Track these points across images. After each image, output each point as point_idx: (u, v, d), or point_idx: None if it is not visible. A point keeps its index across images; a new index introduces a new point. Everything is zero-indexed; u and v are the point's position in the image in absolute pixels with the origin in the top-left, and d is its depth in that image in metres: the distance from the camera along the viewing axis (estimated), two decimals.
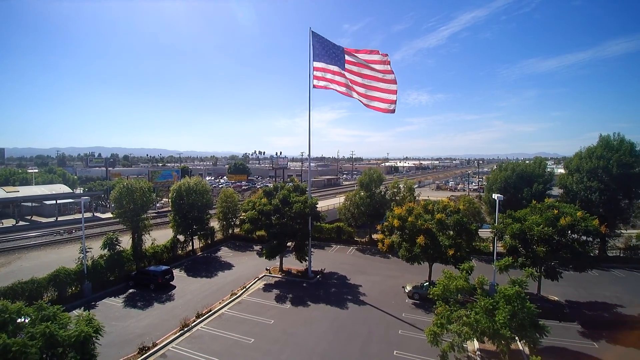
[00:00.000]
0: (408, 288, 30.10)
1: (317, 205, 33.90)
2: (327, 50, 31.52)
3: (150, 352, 20.86)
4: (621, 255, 41.42)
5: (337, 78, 31.20)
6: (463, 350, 17.68)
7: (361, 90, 30.71)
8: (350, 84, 31.26)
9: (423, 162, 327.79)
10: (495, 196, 30.24)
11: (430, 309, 27.00)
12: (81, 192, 74.47)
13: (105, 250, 32.23)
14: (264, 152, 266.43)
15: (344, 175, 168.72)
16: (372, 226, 47.25)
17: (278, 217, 32.89)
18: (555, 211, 27.31)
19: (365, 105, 30.70)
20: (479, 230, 32.82)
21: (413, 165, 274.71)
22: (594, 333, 23.94)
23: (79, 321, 16.80)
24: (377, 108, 30.37)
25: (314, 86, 32.72)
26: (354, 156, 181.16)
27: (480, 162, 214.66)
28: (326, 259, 39.51)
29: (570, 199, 40.98)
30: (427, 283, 29.77)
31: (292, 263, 36.01)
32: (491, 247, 37.16)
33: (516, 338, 19.32)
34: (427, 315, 26.21)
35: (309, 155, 36.14)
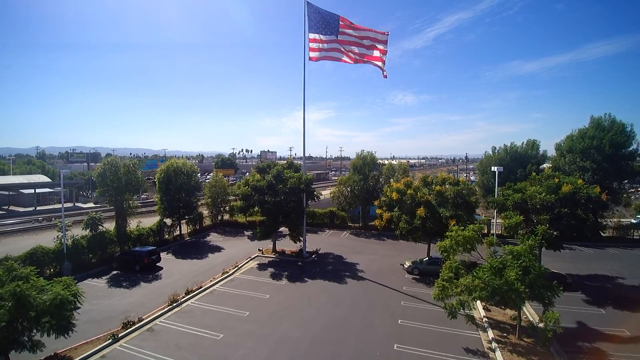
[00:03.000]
0: (407, 264, 29.13)
1: (312, 183, 32.58)
2: (322, 21, 30.40)
3: (136, 326, 19.20)
4: (614, 235, 41.53)
5: (334, 45, 30.22)
6: (473, 308, 16.63)
7: (356, 49, 29.93)
8: (346, 50, 30.37)
9: (410, 161, 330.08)
10: (494, 168, 29.64)
11: (431, 283, 26.15)
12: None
13: (87, 230, 30.24)
14: (251, 151, 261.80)
15: (332, 172, 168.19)
16: (365, 211, 46.28)
17: (271, 194, 31.44)
18: (556, 180, 26.78)
19: (361, 62, 30.00)
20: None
21: (401, 163, 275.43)
22: (599, 301, 23.46)
23: (54, 285, 15.17)
24: (374, 57, 29.85)
25: (310, 58, 31.53)
26: (342, 151, 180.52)
27: (465, 160, 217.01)
28: (320, 242, 38.21)
29: None
30: (427, 259, 28.92)
31: (285, 245, 34.64)
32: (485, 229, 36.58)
33: (524, 307, 18.47)
34: (428, 289, 25.22)
35: (304, 139, 33.04)
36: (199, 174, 39.79)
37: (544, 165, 50.88)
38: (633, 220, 47.60)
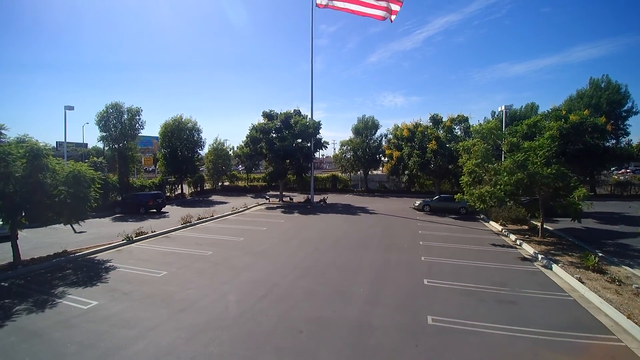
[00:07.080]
0: (417, 202, 28.99)
1: (320, 128, 32.24)
2: None
3: (151, 234, 18.51)
4: (611, 192, 42.32)
5: None
6: (505, 196, 16.33)
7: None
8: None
9: None
10: (501, 107, 29.86)
11: (445, 216, 26.10)
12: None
13: None
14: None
15: (325, 165, 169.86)
16: (367, 175, 46.23)
17: (279, 140, 30.99)
18: (564, 111, 27.17)
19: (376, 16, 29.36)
20: None
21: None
22: (611, 222, 23.86)
23: (72, 164, 14.61)
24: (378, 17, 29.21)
25: (317, 5, 31.26)
26: (335, 143, 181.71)
27: None
28: None
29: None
30: (437, 197, 28.86)
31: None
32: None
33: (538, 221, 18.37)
34: (442, 218, 25.18)
35: (312, 108, 33.25)
36: (202, 132, 38.89)
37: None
38: None
